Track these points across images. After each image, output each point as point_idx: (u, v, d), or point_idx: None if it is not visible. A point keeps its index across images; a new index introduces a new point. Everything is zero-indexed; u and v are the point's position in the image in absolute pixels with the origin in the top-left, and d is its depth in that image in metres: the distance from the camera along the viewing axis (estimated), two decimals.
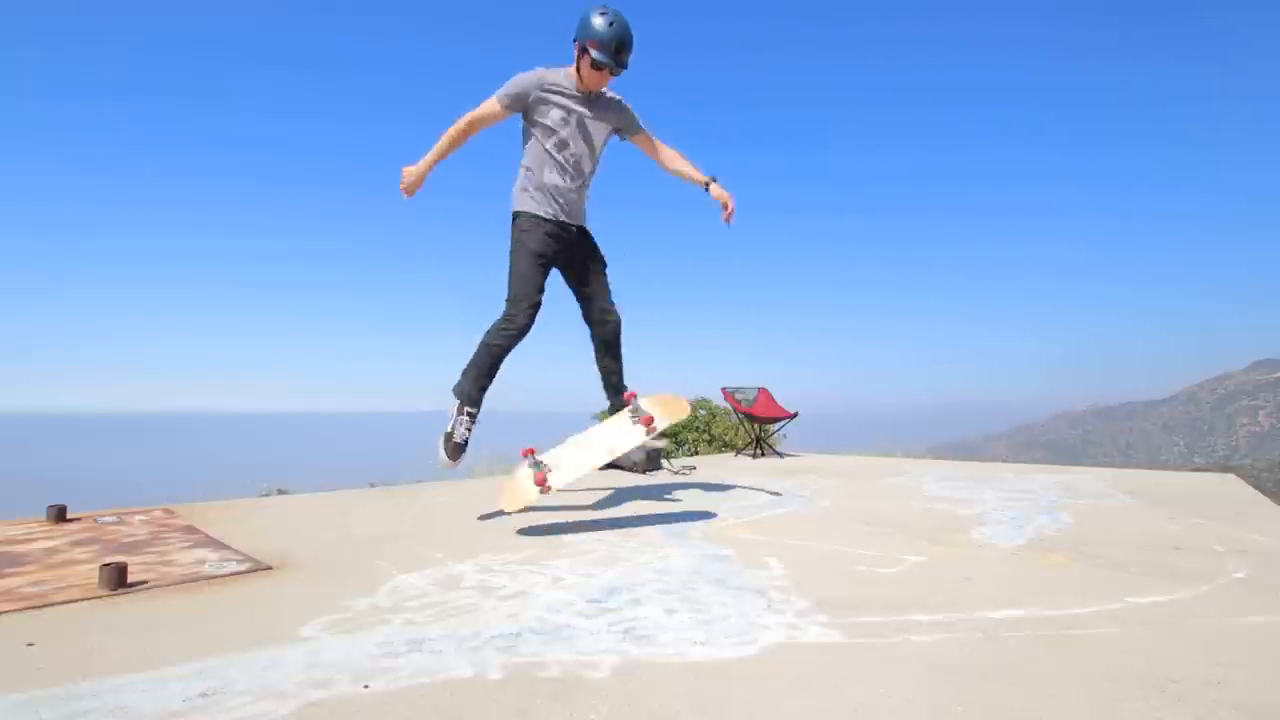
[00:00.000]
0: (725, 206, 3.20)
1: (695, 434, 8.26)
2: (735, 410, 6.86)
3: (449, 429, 3.13)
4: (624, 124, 3.26)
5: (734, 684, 1.37)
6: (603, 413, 3.46)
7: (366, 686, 1.34)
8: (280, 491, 4.72)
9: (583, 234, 3.28)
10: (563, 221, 3.15)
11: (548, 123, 3.05)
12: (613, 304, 3.33)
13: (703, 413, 8.51)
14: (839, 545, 2.63)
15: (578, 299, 3.33)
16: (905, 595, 1.97)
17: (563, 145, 3.07)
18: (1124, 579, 2.15)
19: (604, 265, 3.34)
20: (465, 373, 3.17)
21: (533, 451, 3.05)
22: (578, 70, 3.03)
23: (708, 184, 3.26)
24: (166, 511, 3.21)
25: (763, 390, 6.88)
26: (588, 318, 3.33)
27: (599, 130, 3.18)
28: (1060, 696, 1.32)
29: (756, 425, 6.66)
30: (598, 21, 2.89)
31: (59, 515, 2.97)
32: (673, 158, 3.35)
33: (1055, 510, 3.44)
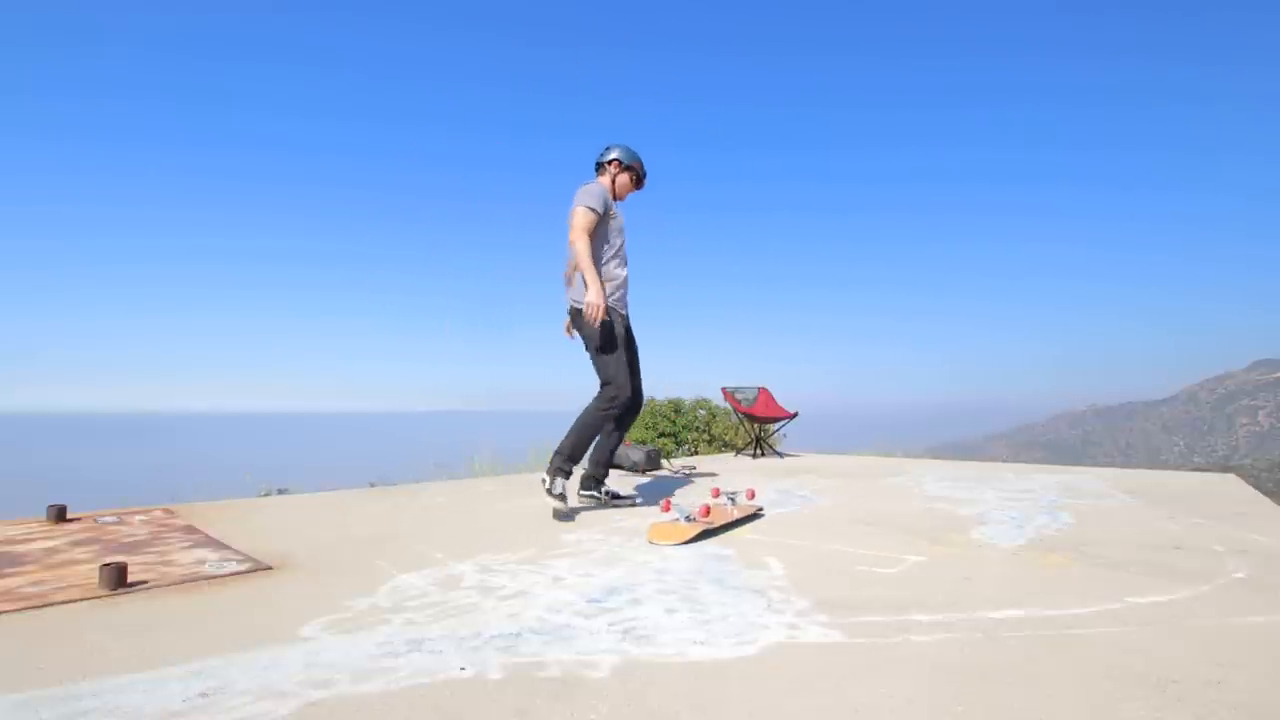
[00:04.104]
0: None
1: (695, 434, 8.25)
2: (735, 410, 6.86)
3: (547, 486, 3.26)
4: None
5: (734, 684, 1.37)
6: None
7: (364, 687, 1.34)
8: (280, 491, 4.72)
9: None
10: (627, 315, 3.54)
11: (614, 226, 3.53)
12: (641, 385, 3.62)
13: (702, 413, 8.50)
14: (839, 545, 2.63)
15: None
16: (905, 595, 1.97)
17: (622, 244, 3.59)
18: (1124, 579, 2.15)
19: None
20: (565, 444, 3.35)
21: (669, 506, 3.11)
22: (612, 184, 3.62)
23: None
24: (166, 511, 3.22)
25: (763, 390, 6.87)
26: None
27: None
28: (1060, 696, 1.32)
29: (756, 425, 6.66)
30: (627, 152, 3.63)
31: (59, 515, 2.98)
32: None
33: (1055, 510, 3.44)
